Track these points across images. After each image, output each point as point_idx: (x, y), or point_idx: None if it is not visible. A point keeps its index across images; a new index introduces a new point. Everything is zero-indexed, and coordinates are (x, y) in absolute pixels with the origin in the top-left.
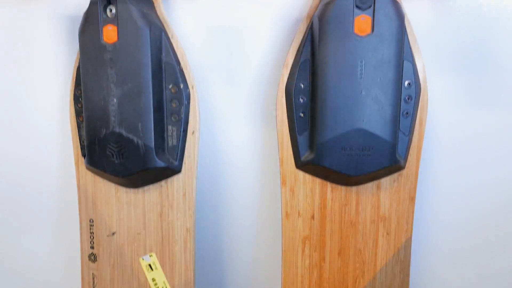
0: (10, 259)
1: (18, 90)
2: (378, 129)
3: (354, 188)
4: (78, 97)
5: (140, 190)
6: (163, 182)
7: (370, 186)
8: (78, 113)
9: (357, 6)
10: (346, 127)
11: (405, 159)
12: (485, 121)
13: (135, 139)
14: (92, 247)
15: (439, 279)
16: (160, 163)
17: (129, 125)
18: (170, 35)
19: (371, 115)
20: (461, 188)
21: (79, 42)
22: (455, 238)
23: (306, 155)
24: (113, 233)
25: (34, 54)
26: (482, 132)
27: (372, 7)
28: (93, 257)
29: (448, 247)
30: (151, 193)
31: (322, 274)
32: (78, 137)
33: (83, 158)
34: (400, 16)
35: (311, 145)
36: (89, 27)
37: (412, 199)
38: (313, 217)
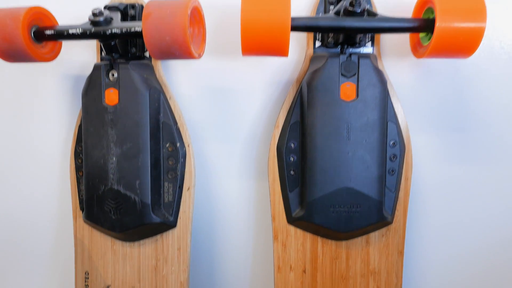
0: None
1: (21, 142)
2: (365, 188)
3: (344, 243)
4: (79, 153)
5: (136, 244)
6: (158, 237)
7: (359, 240)
8: (78, 168)
9: (342, 74)
10: (335, 185)
11: (392, 214)
12: (467, 175)
13: (132, 196)
14: None
15: None
16: (156, 219)
17: (127, 182)
18: (168, 97)
19: (358, 174)
20: (448, 241)
21: (82, 103)
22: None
23: (297, 212)
24: (108, 286)
25: (38, 109)
26: (465, 185)
27: (356, 75)
28: None
29: None
30: (146, 247)
31: None
32: (77, 191)
33: (81, 212)
34: (382, 82)
35: (302, 202)
36: (92, 89)
37: (401, 253)
38: (304, 271)
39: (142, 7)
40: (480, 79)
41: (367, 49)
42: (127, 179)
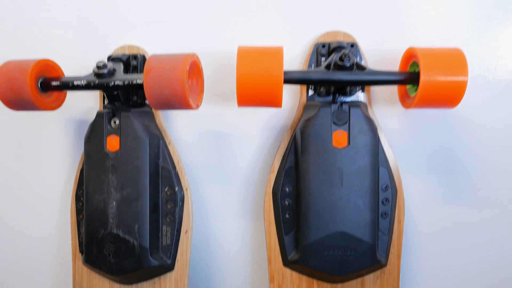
0: None
1: (24, 184)
2: (359, 232)
3: (339, 286)
4: (80, 196)
5: (134, 286)
6: (156, 280)
7: (354, 283)
8: (78, 211)
9: (334, 123)
10: (329, 230)
11: (386, 257)
12: (458, 216)
13: (131, 240)
14: None
15: None
16: (154, 262)
17: (126, 226)
18: (167, 142)
19: (351, 218)
20: (442, 282)
21: (85, 148)
22: None
23: (292, 255)
24: None
25: (42, 152)
26: (457, 227)
27: (347, 123)
28: None
29: None
30: None
31: None
32: (77, 233)
33: (80, 254)
34: (372, 130)
35: (297, 245)
36: (94, 136)
37: None
38: None
39: (143, 57)
40: (466, 124)
41: (358, 97)
42: (126, 223)
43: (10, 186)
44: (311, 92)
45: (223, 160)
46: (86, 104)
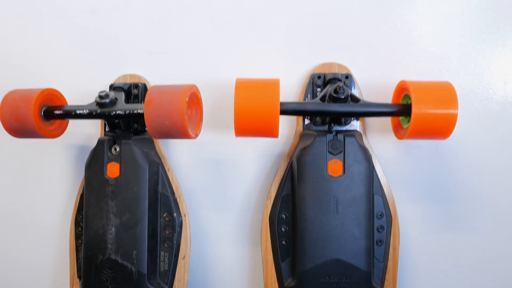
0: None
1: (23, 208)
2: (354, 259)
3: None
4: (79, 222)
5: None
6: None
7: None
8: (77, 236)
9: (329, 152)
10: (324, 257)
11: (382, 284)
12: (453, 243)
13: (129, 266)
14: None
15: None
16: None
17: (125, 252)
18: (166, 169)
19: (347, 246)
20: None
21: (85, 174)
22: None
23: (288, 282)
24: None
25: (42, 177)
26: (452, 254)
27: (342, 153)
28: None
29: None
30: None
31: None
32: (75, 258)
33: (78, 280)
34: (367, 159)
35: (293, 272)
36: (95, 163)
37: None
38: None
39: (144, 86)
40: (459, 153)
41: (353, 125)
42: (125, 249)
43: (10, 210)
44: (307, 121)
45: (221, 186)
46: (88, 131)
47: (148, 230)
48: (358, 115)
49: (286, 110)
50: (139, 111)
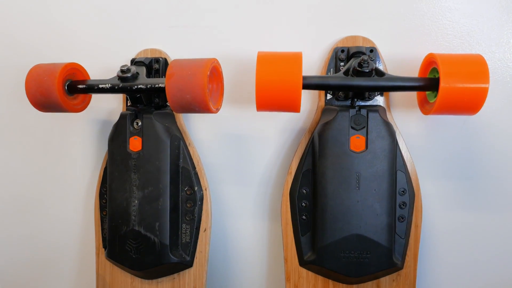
0: None
1: (50, 182)
2: (375, 235)
3: (355, 287)
4: (103, 194)
5: (154, 281)
6: (176, 275)
7: (370, 285)
8: (102, 208)
9: (352, 127)
10: (345, 232)
11: (403, 260)
12: (476, 221)
13: (152, 237)
14: None
15: None
16: (173, 259)
17: (148, 224)
18: (187, 143)
19: (368, 222)
20: (459, 286)
21: (108, 148)
22: None
23: (308, 255)
24: None
25: (67, 152)
26: (475, 232)
27: (365, 128)
28: None
29: None
30: (164, 285)
31: None
32: (100, 229)
33: (103, 249)
34: (391, 134)
35: (313, 246)
36: (117, 137)
37: None
38: None
39: (165, 60)
40: (487, 129)
41: (377, 101)
42: (147, 221)
43: (37, 183)
44: (329, 96)
45: (242, 161)
46: (110, 106)
47: (170, 203)
48: (382, 90)
49: (309, 84)
50: (160, 85)
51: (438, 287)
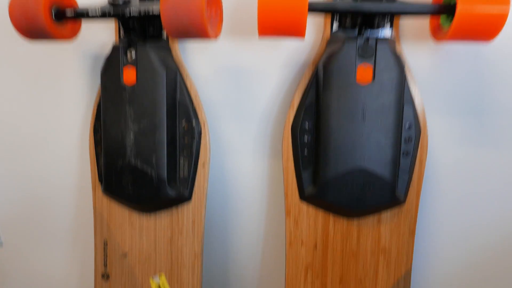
0: (28, 275)
1: (43, 118)
2: (379, 169)
3: (355, 221)
4: (98, 129)
5: (152, 216)
6: (174, 210)
7: (371, 219)
8: (97, 143)
9: (359, 55)
10: (348, 166)
11: (405, 195)
12: (482, 158)
13: (149, 170)
14: (105, 266)
15: None
16: (171, 193)
17: (144, 157)
18: (184, 76)
19: (372, 155)
20: (460, 223)
21: (101, 81)
22: (454, 271)
23: (309, 189)
24: (125, 255)
25: (59, 87)
26: (480, 169)
27: (373, 58)
28: (106, 276)
29: (446, 279)
30: (162, 220)
31: None
32: (96, 164)
33: (100, 184)
34: (400, 66)
35: (315, 180)
36: (110, 69)
37: (412, 232)
38: (315, 246)
39: None
40: (500, 63)
41: (386, 32)
42: (144, 154)
43: (30, 121)
44: (335, 27)
45: (242, 96)
46: (102, 38)
47: (167, 137)
48: (395, 14)
49: (315, 8)
50: (155, 10)
51: (439, 223)
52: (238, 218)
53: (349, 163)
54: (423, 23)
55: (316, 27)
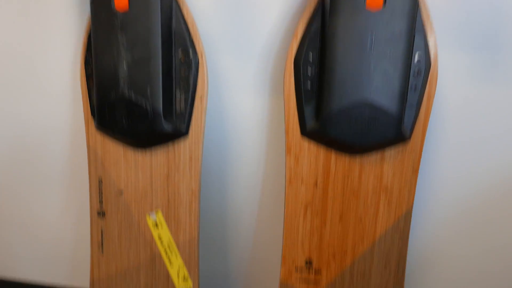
0: (22, 215)
1: (31, 51)
2: (385, 102)
3: (358, 158)
4: (89, 61)
5: (148, 152)
6: (170, 146)
7: (374, 156)
8: (88, 76)
9: None
10: (353, 98)
11: (411, 132)
12: (494, 98)
13: (143, 103)
14: (100, 204)
15: (437, 250)
16: (167, 126)
17: (138, 89)
18: (180, 3)
19: (379, 88)
20: (466, 162)
21: (91, 9)
22: (456, 211)
23: (312, 124)
24: (121, 192)
25: (46, 17)
26: (491, 108)
27: None
28: (102, 214)
29: (448, 219)
30: (158, 155)
31: (322, 238)
32: (88, 98)
33: (92, 119)
34: None
35: (317, 115)
36: None
37: (415, 170)
38: (316, 184)
39: None
40: None
41: None
42: (138, 85)
43: (16, 56)
44: None
45: (242, 25)
46: None
47: (162, 67)
48: None
49: None
50: None
51: (444, 162)
52: (236, 155)
53: (355, 95)
54: None
55: None
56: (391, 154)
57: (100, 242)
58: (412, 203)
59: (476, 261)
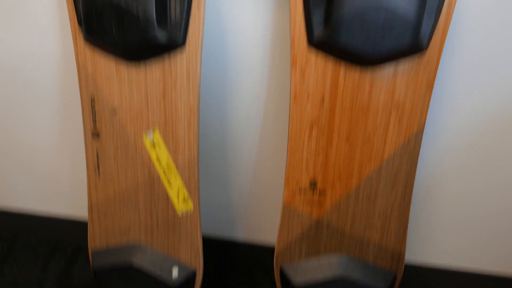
0: (15, 139)
1: None
2: (402, 5)
3: (369, 72)
4: None
5: (142, 67)
6: (166, 58)
7: (386, 70)
8: None
9: None
10: (367, 1)
11: (428, 41)
12: None
13: (134, 8)
14: (94, 124)
15: (446, 173)
16: (161, 36)
17: None
18: None
19: None
20: (483, 81)
21: None
22: (469, 134)
23: (320, 32)
24: (115, 111)
25: None
26: None
27: None
28: (96, 135)
29: (457, 140)
30: (153, 71)
31: (328, 159)
32: (74, 10)
33: (80, 30)
34: None
35: (326, 20)
36: None
37: (430, 86)
38: (322, 101)
39: None
40: None
41: None
42: None
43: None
44: None
45: None
46: None
47: None
48: None
49: None
50: None
51: (460, 80)
52: (237, 70)
53: None
54: None
55: None
56: (405, 66)
57: (96, 165)
58: (424, 122)
59: (483, 192)
